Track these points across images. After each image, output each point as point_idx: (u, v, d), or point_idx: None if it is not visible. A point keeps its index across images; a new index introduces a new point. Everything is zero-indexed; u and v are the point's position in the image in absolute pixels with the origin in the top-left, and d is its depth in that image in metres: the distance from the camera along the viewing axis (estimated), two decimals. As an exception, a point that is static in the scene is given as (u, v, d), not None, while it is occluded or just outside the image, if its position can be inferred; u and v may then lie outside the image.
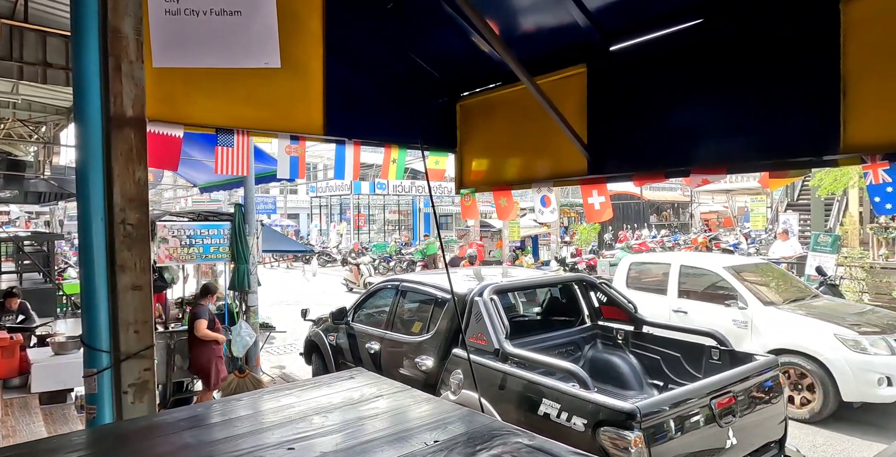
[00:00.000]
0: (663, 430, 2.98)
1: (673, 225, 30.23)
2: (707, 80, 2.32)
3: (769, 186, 2.23)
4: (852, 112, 1.86)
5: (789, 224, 14.22)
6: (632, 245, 14.18)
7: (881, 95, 1.81)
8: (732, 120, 2.17)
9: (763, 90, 2.11)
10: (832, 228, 14.60)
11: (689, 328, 4.49)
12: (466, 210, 3.38)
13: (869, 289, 9.50)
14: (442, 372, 4.28)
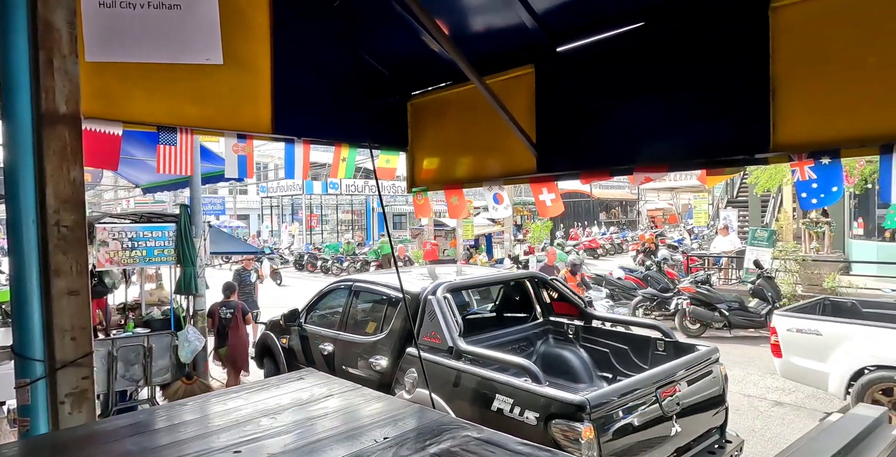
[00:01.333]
0: (612, 420, 3.07)
1: (621, 222, 31.15)
2: (649, 82, 2.40)
3: (706, 182, 2.33)
4: (781, 113, 1.97)
5: (729, 220, 14.90)
6: (564, 245, 14.40)
7: (806, 98, 1.93)
8: (672, 120, 2.26)
9: (700, 92, 2.20)
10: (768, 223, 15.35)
11: (636, 321, 4.65)
12: (419, 209, 3.38)
13: (802, 281, 10.05)
14: (396, 371, 4.27)
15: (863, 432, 1.68)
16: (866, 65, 1.80)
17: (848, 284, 9.74)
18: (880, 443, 1.67)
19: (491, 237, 20.49)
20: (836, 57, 1.87)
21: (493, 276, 5.23)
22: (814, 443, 1.56)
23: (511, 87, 2.84)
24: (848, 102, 1.83)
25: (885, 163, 1.71)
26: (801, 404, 6.17)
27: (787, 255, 10.43)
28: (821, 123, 1.88)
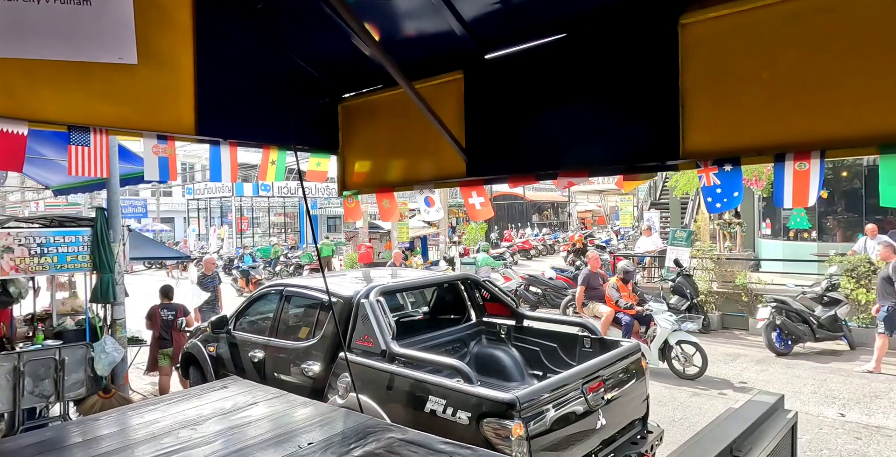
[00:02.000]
0: (541, 416, 3.17)
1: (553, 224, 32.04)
2: (571, 91, 2.50)
3: (623, 187, 2.47)
4: (689, 124, 2.11)
5: (652, 221, 15.65)
6: (487, 249, 14.54)
7: (711, 110, 2.07)
8: (593, 128, 2.37)
9: (618, 102, 2.32)
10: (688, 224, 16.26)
11: (564, 320, 4.82)
12: (349, 212, 3.36)
13: (717, 278, 10.71)
14: (329, 376, 4.22)
15: (762, 416, 1.83)
16: (761, 80, 1.96)
17: (757, 280, 10.46)
18: (777, 424, 1.83)
19: (426, 239, 20.55)
20: (736, 72, 2.03)
21: (427, 278, 5.26)
22: (719, 428, 1.68)
23: (441, 92, 2.88)
24: (746, 114, 1.99)
25: (778, 171, 1.87)
26: (717, 394, 6.58)
27: (704, 254, 11.09)
28: (723, 133, 2.03)
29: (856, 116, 1.84)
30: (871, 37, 1.82)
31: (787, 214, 13.39)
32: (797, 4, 1.95)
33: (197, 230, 30.53)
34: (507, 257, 18.77)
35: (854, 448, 5.03)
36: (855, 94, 1.85)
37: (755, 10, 2.01)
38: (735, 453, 1.49)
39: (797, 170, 1.82)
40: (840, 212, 13.19)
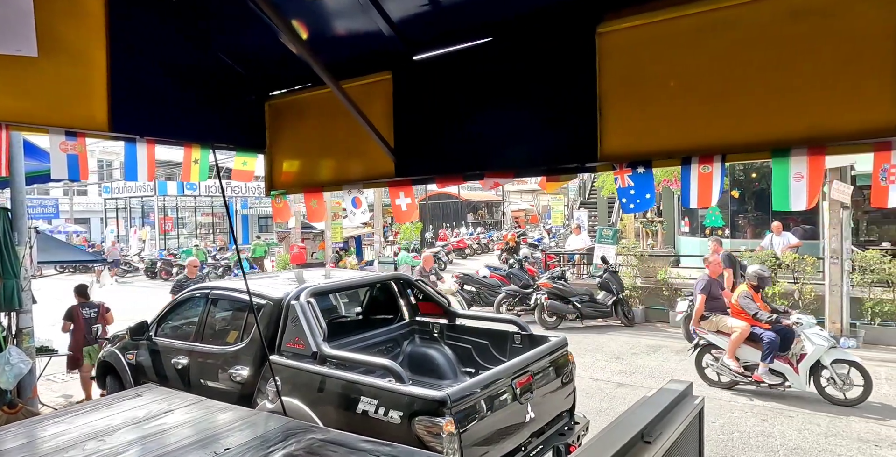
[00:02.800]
0: (472, 413, 3.23)
1: (488, 223, 32.54)
2: (497, 94, 2.57)
3: (546, 188, 2.56)
4: (606, 128, 2.22)
5: (581, 220, 16.21)
6: (410, 248, 14.41)
7: (626, 115, 2.19)
8: (517, 130, 2.44)
9: (541, 105, 2.40)
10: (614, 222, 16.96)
11: (495, 317, 4.92)
12: (278, 212, 3.29)
13: (641, 273, 11.24)
14: (259, 381, 4.11)
15: (672, 402, 1.95)
16: (670, 88, 2.09)
17: (677, 275, 11.06)
18: (686, 410, 1.96)
19: (360, 239, 20.35)
20: (648, 80, 2.15)
21: (359, 278, 5.23)
22: (632, 416, 1.78)
23: (369, 92, 2.87)
24: (657, 120, 2.11)
25: (685, 173, 2.00)
26: (640, 384, 6.92)
27: (629, 251, 11.62)
28: (637, 137, 2.15)
29: (752, 124, 2.00)
30: (767, 52, 1.98)
31: (703, 212, 14.23)
32: (702, 18, 2.09)
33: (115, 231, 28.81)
34: (443, 257, 18.89)
35: (761, 429, 5.43)
36: (752, 104, 2.00)
37: (665, 22, 2.14)
38: (646, 438, 1.59)
39: (702, 172, 1.95)
40: (750, 211, 14.16)
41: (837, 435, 5.25)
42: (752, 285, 6.53)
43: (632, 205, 2.10)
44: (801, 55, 1.94)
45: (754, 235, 13.26)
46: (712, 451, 4.94)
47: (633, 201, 2.09)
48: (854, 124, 1.84)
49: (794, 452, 4.92)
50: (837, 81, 1.88)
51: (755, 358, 6.34)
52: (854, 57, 1.86)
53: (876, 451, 4.90)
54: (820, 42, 1.91)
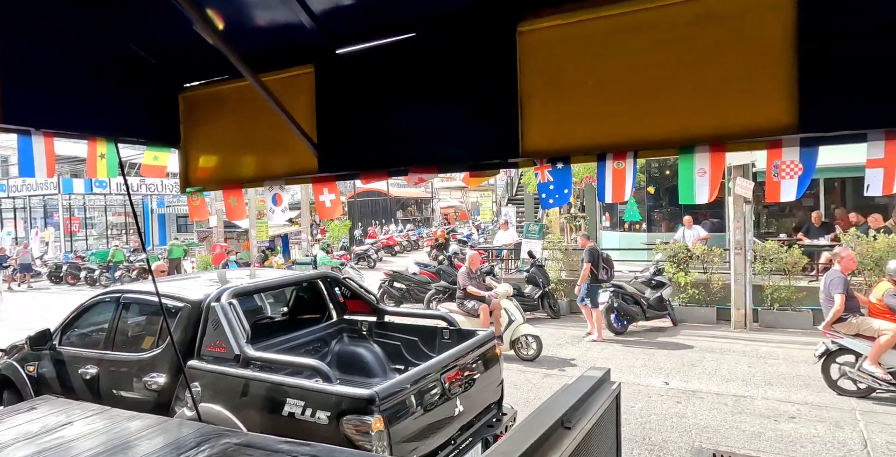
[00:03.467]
0: (400, 409, 3.23)
1: (417, 220, 32.56)
2: (421, 90, 2.57)
3: (469, 183, 2.59)
4: (527, 124, 2.28)
5: (509, 216, 16.54)
6: (326, 248, 14.00)
7: (545, 112, 2.25)
8: (441, 126, 2.46)
9: (463, 101, 2.43)
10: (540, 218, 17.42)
11: (424, 313, 4.94)
12: (195, 210, 3.14)
13: (566, 267, 11.63)
14: (177, 388, 3.92)
15: (590, 389, 2.04)
16: (586, 87, 2.17)
17: (599, 268, 11.51)
18: (603, 395, 2.04)
19: (287, 238, 19.81)
20: (566, 79, 2.22)
21: (284, 278, 5.09)
22: (553, 404, 1.84)
23: (291, 85, 2.79)
24: (575, 117, 2.19)
25: (600, 169, 2.09)
26: (565, 374, 7.17)
27: (554, 245, 11.98)
28: (556, 133, 2.22)
29: (663, 123, 2.11)
30: (677, 54, 2.09)
31: (622, 208, 14.92)
32: (618, 20, 2.18)
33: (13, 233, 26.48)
34: (372, 254, 18.73)
35: (676, 411, 5.77)
36: (663, 104, 2.11)
37: (582, 22, 2.22)
38: (566, 424, 1.65)
39: (616, 168, 2.04)
40: (665, 206, 14.99)
41: (742, 413, 5.67)
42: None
43: (551, 200, 2.17)
44: (708, 58, 2.06)
45: (668, 229, 14.03)
46: (631, 433, 5.19)
47: (552, 196, 2.15)
48: (752, 123, 1.98)
49: (704, 430, 5.26)
50: (739, 83, 2.02)
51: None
52: (754, 61, 2.00)
53: (774, 425, 5.33)
54: (724, 46, 2.05)
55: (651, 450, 4.87)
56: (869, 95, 1.83)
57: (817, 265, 9.95)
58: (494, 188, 25.60)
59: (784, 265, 9.45)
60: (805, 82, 1.90)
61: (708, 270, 10.15)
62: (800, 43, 1.91)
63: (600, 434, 1.91)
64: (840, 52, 1.87)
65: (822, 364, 6.22)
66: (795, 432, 5.14)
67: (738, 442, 4.99)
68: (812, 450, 4.77)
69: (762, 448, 4.85)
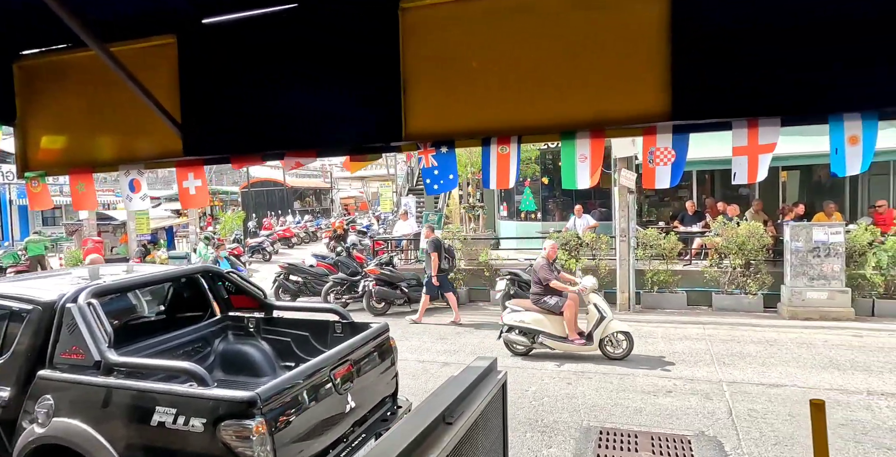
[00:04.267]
0: (286, 410, 3.03)
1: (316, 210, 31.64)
2: (299, 67, 2.37)
3: (350, 168, 2.45)
4: (411, 106, 2.17)
5: (409, 206, 16.46)
6: (213, 239, 12.95)
7: (430, 94, 2.16)
8: (321, 107, 2.29)
9: (344, 81, 2.27)
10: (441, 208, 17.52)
11: (314, 307, 4.73)
12: (35, 199, 2.72)
13: (464, 256, 11.76)
14: (25, 401, 3.43)
15: (476, 380, 1.99)
16: (471, 69, 2.10)
17: (496, 256, 11.79)
18: (489, 386, 2.01)
19: (173, 230, 18.43)
20: (450, 60, 2.14)
21: (158, 274, 4.64)
22: (436, 397, 1.77)
23: (149, 57, 2.49)
24: (460, 100, 2.11)
25: (485, 154, 2.04)
26: (463, 362, 7.22)
27: (453, 235, 12.07)
28: (440, 116, 2.13)
29: (546, 107, 2.09)
30: (559, 40, 2.07)
31: (519, 198, 15.37)
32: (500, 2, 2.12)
33: None
34: (267, 247, 17.93)
35: (567, 392, 6.00)
36: (546, 88, 2.09)
37: (465, 2, 2.14)
38: (447, 420, 1.57)
39: (500, 153, 2.00)
40: (558, 195, 15.62)
41: (626, 390, 6.01)
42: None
43: (436, 185, 2.08)
44: (589, 45, 2.06)
45: (561, 218, 14.64)
46: (525, 416, 5.33)
47: (436, 182, 2.07)
48: (629, 110, 2.01)
49: (592, 409, 5.51)
50: (618, 70, 2.03)
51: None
52: (632, 49, 2.02)
53: (654, 399, 5.70)
54: (603, 34, 2.05)
55: (543, 432, 5.02)
56: (733, 86, 1.90)
57: (690, 250, 10.81)
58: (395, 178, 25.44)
59: (662, 251, 10.16)
60: (677, 72, 1.94)
61: (596, 257, 10.69)
62: (673, 34, 1.96)
63: (486, 426, 1.87)
64: (709, 44, 1.93)
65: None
66: (672, 406, 5.53)
67: (622, 418, 5.27)
68: (686, 421, 5.15)
69: (643, 423, 5.16)
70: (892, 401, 5.44)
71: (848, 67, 1.80)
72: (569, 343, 7.05)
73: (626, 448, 4.64)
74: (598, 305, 7.02)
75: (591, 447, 4.66)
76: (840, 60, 1.81)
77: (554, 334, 7.09)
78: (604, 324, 6.93)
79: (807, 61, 1.83)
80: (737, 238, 9.54)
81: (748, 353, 7.17)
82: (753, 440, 4.70)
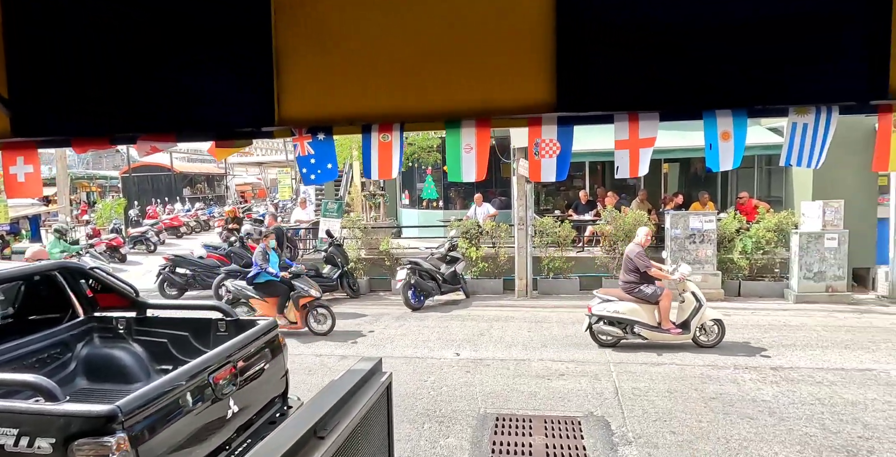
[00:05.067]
0: (154, 422, 2.74)
1: (208, 198, 29.75)
2: (157, 37, 2.08)
3: (216, 155, 2.21)
4: (285, 88, 1.97)
5: (308, 194, 15.90)
6: (61, 228, 11.40)
7: (305, 76, 1.97)
8: (181, 85, 2.02)
9: (208, 55, 2.02)
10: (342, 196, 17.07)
11: (194, 305, 4.37)
12: None
13: (364, 245, 11.54)
14: None
15: (360, 381, 1.87)
16: (351, 50, 1.94)
17: (397, 245, 11.67)
18: (373, 387, 1.89)
19: (38, 219, 16.53)
20: (329, 39, 1.96)
21: (6, 272, 4.06)
22: (319, 399, 1.64)
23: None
24: (339, 83, 1.95)
25: (365, 142, 1.90)
26: (362, 354, 7.08)
27: (353, 224, 11.80)
28: (318, 101, 1.96)
29: (431, 94, 1.97)
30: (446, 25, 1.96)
31: (421, 186, 15.32)
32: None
33: None
34: (151, 237, 16.59)
35: (465, 380, 6.04)
36: (432, 74, 1.97)
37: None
38: (319, 434, 1.44)
39: (382, 141, 1.87)
40: (459, 184, 15.74)
41: (522, 375, 6.16)
42: None
43: (312, 175, 1.91)
44: (476, 30, 1.97)
45: (463, 206, 14.78)
46: (424, 407, 5.30)
47: (313, 171, 1.90)
48: (515, 99, 1.94)
49: (489, 396, 5.59)
50: (505, 59, 1.96)
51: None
52: (519, 38, 1.95)
53: (548, 383, 5.89)
54: (491, 19, 1.96)
55: (441, 422, 5.01)
56: (615, 80, 1.89)
57: (583, 237, 11.32)
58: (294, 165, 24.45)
59: (558, 239, 10.54)
60: (562, 62, 1.90)
61: (496, 245, 10.89)
62: (559, 24, 1.91)
63: (367, 434, 1.75)
64: (593, 37, 1.90)
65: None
66: (564, 388, 5.74)
67: (517, 403, 5.39)
68: (577, 403, 5.36)
69: (537, 406, 5.31)
70: (755, 374, 5.99)
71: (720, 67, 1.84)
72: (664, 332, 6.83)
73: (521, 433, 4.74)
74: (696, 293, 6.83)
75: (487, 434, 4.72)
76: (714, 60, 1.85)
77: (649, 324, 6.87)
78: (701, 312, 6.77)
79: (682, 60, 1.86)
80: (624, 226, 10.09)
81: (633, 334, 7.63)
82: (637, 418, 4.98)
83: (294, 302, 7.82)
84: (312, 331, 7.85)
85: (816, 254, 9.19)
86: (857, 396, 5.35)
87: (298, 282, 7.93)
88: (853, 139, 8.70)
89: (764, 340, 7.21)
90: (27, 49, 2.05)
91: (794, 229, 9.61)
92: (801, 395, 5.39)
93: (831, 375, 5.93)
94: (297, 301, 7.82)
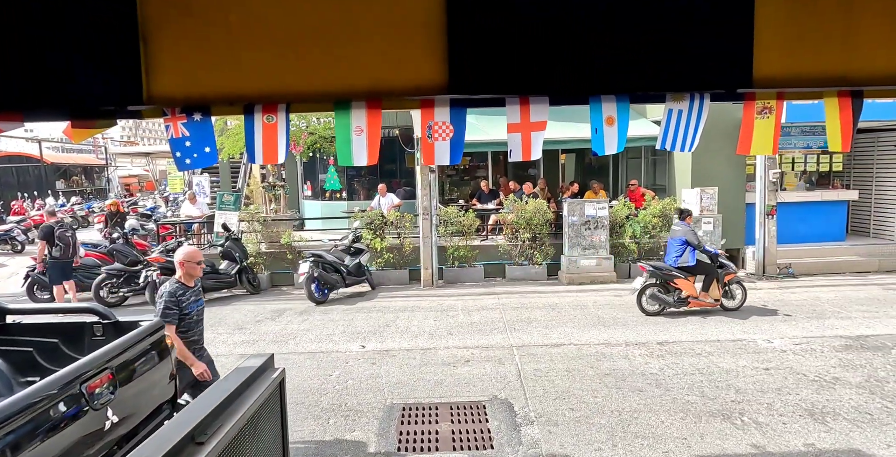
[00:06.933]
0: (15, 441, 2.43)
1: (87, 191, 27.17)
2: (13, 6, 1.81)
3: (72, 137, 1.97)
4: (154, 64, 1.79)
5: (202, 186, 14.98)
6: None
7: (178, 51, 1.80)
8: (27, 57, 1.77)
9: (65, 28, 1.79)
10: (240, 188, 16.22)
11: (64, 308, 3.95)
12: None
13: (265, 239, 11.05)
14: None
15: (252, 375, 1.76)
16: (228, 23, 1.79)
17: (300, 238, 11.29)
18: (265, 382, 1.78)
19: None
20: (203, 10, 1.80)
21: None
22: (201, 402, 1.51)
23: None
24: (216, 60, 1.80)
25: (248, 124, 1.76)
26: (263, 351, 6.77)
27: (252, 216, 11.25)
28: (193, 77, 1.80)
29: (319, 74, 1.87)
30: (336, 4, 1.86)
31: (323, 177, 14.89)
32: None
33: None
34: (18, 236, 14.89)
35: (371, 372, 5.97)
36: (320, 54, 1.87)
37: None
38: (198, 439, 1.32)
39: (266, 123, 1.74)
40: (364, 174, 15.48)
41: (428, 364, 6.18)
42: None
43: (188, 159, 1.75)
44: (365, 9, 1.89)
45: (367, 197, 14.56)
46: (329, 402, 5.17)
47: (188, 155, 1.74)
48: (408, 81, 1.89)
49: (396, 386, 5.56)
50: (397, 39, 1.90)
51: None
52: (411, 18, 1.90)
53: (453, 370, 5.96)
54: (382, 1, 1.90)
55: (347, 416, 4.91)
56: (507, 63, 1.90)
57: (486, 226, 11.55)
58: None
59: (462, 227, 10.68)
60: (454, 45, 1.88)
61: (401, 235, 10.84)
62: (449, 5, 1.88)
63: (255, 435, 1.64)
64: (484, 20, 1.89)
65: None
66: (470, 374, 5.83)
67: (424, 392, 5.40)
68: (482, 387, 5.47)
69: (443, 394, 5.35)
70: (643, 349, 6.42)
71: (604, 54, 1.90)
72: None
73: (427, 421, 4.75)
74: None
75: (394, 425, 4.69)
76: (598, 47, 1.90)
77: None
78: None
79: (572, 45, 1.90)
80: (525, 214, 10.41)
81: (534, 318, 7.91)
82: (538, 398, 5.16)
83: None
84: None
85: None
86: (731, 364, 5.89)
87: None
88: (726, 131, 9.52)
89: (650, 319, 7.75)
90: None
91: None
92: (683, 366, 5.85)
93: (709, 346, 6.49)
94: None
